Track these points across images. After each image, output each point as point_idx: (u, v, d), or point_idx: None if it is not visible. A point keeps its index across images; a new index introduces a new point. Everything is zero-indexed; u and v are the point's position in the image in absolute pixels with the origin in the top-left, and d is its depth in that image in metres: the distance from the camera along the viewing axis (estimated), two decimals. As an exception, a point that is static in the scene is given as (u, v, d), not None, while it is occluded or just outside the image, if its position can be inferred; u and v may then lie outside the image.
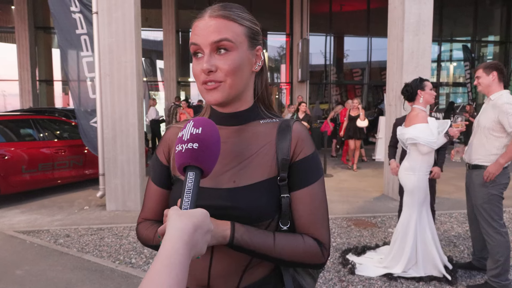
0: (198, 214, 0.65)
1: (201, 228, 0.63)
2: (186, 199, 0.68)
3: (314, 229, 0.88)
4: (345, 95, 15.01)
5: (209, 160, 0.73)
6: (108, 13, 5.06)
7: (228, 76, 0.83)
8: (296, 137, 0.89)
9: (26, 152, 5.72)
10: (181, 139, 0.74)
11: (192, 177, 0.71)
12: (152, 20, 13.57)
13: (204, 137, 0.72)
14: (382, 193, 6.15)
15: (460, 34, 15.81)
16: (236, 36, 0.83)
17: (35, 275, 3.25)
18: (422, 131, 2.94)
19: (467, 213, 3.33)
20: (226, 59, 0.82)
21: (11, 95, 13.69)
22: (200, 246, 0.63)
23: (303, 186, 0.88)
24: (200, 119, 0.76)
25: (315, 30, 13.73)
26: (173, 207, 0.67)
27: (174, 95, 12.69)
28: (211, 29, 0.82)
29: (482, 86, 2.96)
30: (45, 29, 13.57)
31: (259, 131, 0.91)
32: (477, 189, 2.93)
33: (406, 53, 5.59)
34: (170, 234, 0.59)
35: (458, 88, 16.29)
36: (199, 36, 0.83)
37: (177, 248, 0.56)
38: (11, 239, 4.13)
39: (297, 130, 0.90)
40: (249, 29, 0.87)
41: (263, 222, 0.86)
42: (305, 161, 0.88)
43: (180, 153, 0.73)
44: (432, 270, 3.10)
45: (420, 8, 5.55)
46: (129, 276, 3.24)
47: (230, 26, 0.83)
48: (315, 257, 0.88)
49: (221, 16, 0.83)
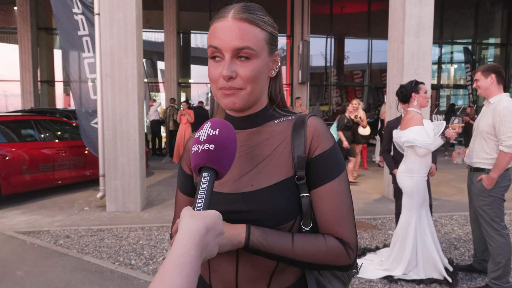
0: (211, 215, 0.64)
1: (213, 230, 0.63)
2: (199, 200, 0.68)
3: (337, 227, 0.84)
4: (346, 97, 15.01)
5: (225, 162, 0.72)
6: (110, 14, 5.08)
7: (248, 83, 0.81)
8: (311, 132, 0.86)
9: (27, 153, 5.73)
10: (198, 139, 0.73)
11: (207, 178, 0.70)
12: (154, 21, 13.60)
13: (220, 139, 0.72)
14: (382, 195, 6.14)
15: (461, 36, 15.81)
16: (258, 43, 0.81)
17: (35, 276, 3.25)
18: (418, 134, 2.94)
19: (469, 214, 3.33)
20: (247, 67, 0.80)
21: (13, 95, 13.72)
22: (212, 247, 0.63)
23: (323, 183, 0.84)
24: (218, 120, 0.75)
25: (316, 32, 13.74)
26: (187, 207, 0.67)
27: (175, 96, 12.71)
28: (235, 34, 0.79)
29: (481, 89, 2.95)
30: (47, 30, 13.60)
31: (274, 131, 0.89)
32: (478, 192, 2.93)
33: (407, 55, 5.59)
34: (182, 234, 0.59)
35: (459, 90, 16.29)
36: (221, 39, 0.79)
37: (189, 248, 0.57)
38: (12, 240, 4.13)
39: (312, 124, 0.87)
40: (270, 34, 0.85)
41: (285, 224, 0.83)
42: (323, 156, 0.85)
43: (196, 153, 0.72)
44: (433, 272, 3.09)
45: (421, 10, 5.56)
46: (128, 277, 3.24)
47: (254, 32, 0.80)
48: (339, 258, 0.83)
49: (245, 20, 0.80)
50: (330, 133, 0.89)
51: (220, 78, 0.80)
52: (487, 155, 2.89)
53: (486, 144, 2.88)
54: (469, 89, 14.07)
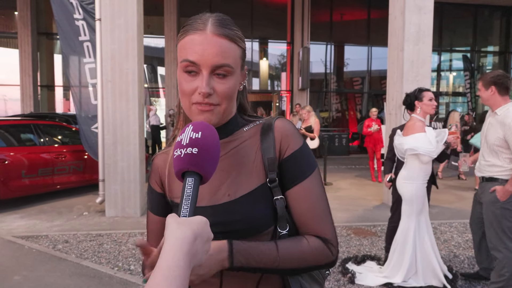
0: (198, 221, 0.62)
1: (201, 237, 0.61)
2: (185, 207, 0.65)
3: (315, 226, 0.84)
4: (345, 104, 15.06)
5: (209, 165, 0.70)
6: (111, 20, 5.11)
7: (224, 100, 0.80)
8: (279, 134, 0.85)
9: (26, 157, 5.73)
10: (180, 143, 0.70)
11: (191, 183, 0.68)
12: (154, 27, 13.67)
13: (204, 142, 0.69)
14: (382, 202, 6.14)
15: (460, 44, 15.92)
16: (235, 61, 0.81)
17: (33, 280, 3.23)
18: (420, 141, 2.96)
19: (469, 222, 3.29)
20: (224, 83, 0.79)
21: (12, 100, 13.73)
22: (200, 255, 0.62)
23: (296, 183, 0.84)
24: (200, 123, 0.73)
25: (316, 39, 13.82)
26: (172, 214, 0.64)
27: (175, 102, 12.73)
28: (216, 50, 0.77)
29: (483, 100, 2.91)
30: (48, 35, 13.66)
31: (244, 137, 0.89)
32: (490, 202, 2.82)
33: (406, 63, 5.63)
34: (170, 244, 0.57)
35: (458, 97, 16.36)
36: (200, 55, 0.77)
37: (177, 259, 0.56)
38: (10, 244, 4.11)
39: (279, 126, 0.87)
40: (243, 50, 0.85)
41: (265, 230, 0.83)
42: (293, 157, 0.85)
43: (179, 158, 0.69)
44: (432, 279, 3.09)
45: (420, 19, 5.61)
46: (127, 283, 3.22)
47: (232, 49, 0.80)
48: (323, 257, 0.83)
49: (225, 36, 0.79)
50: (299, 133, 0.88)
51: (195, 93, 0.78)
52: (499, 167, 2.80)
53: (497, 157, 2.80)
54: (468, 97, 14.13)
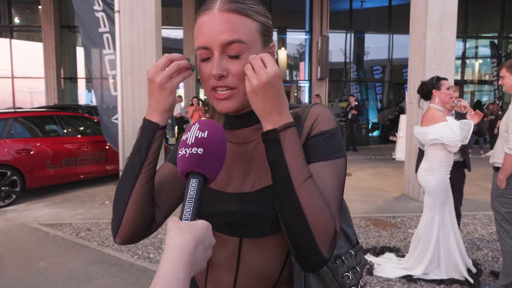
0: (200, 226, 0.59)
1: (203, 243, 0.59)
2: (187, 209, 0.62)
3: None
4: (365, 93, 14.78)
5: (214, 167, 0.67)
6: (130, 11, 5.15)
7: (242, 81, 0.73)
8: (313, 116, 0.78)
9: (51, 148, 5.89)
10: (185, 142, 0.67)
11: (195, 184, 0.65)
12: (173, 18, 13.73)
13: (210, 142, 0.66)
14: (402, 193, 6.03)
15: (487, 30, 15.28)
16: (250, 35, 0.74)
17: (57, 267, 3.35)
18: (444, 131, 2.86)
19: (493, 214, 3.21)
20: (239, 62, 0.73)
21: (38, 92, 14.15)
22: (201, 263, 0.59)
23: (314, 161, 0.74)
24: (206, 121, 0.69)
25: (335, 28, 13.57)
26: (173, 217, 0.61)
27: (194, 93, 12.80)
28: (222, 26, 0.71)
29: (506, 87, 2.81)
30: (70, 28, 13.93)
31: None
32: (493, 191, 2.81)
33: (429, 50, 5.44)
34: (170, 254, 0.55)
35: (484, 86, 15.77)
36: (208, 35, 0.72)
37: (178, 270, 0.53)
38: (36, 232, 4.27)
39: (314, 111, 0.80)
40: (262, 24, 0.77)
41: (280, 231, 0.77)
42: (321, 134, 0.76)
43: (183, 158, 0.66)
44: (454, 273, 3.01)
45: (444, 3, 5.39)
46: (147, 270, 3.29)
47: (244, 23, 0.73)
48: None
49: (233, 10, 0.72)
50: (335, 118, 0.81)
51: (211, 77, 0.74)
52: None
53: (504, 143, 2.74)
54: (495, 85, 13.60)
